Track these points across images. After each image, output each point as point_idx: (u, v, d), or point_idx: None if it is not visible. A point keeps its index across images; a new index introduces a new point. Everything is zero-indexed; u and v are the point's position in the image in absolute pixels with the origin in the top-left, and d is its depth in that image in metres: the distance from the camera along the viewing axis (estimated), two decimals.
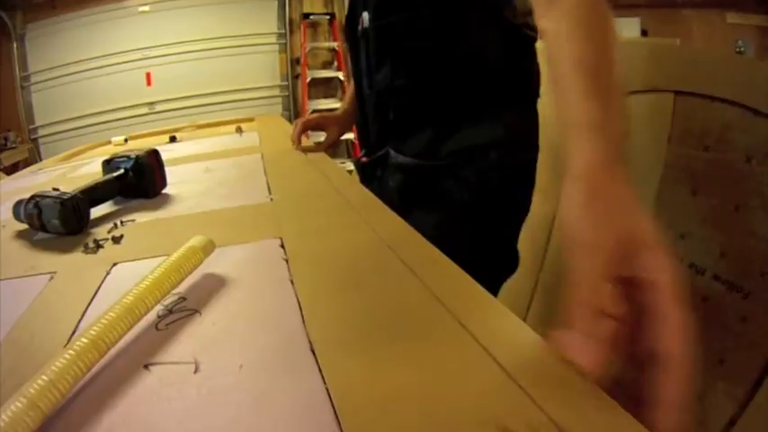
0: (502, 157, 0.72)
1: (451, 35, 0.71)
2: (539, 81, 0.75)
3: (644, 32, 4.05)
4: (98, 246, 0.53)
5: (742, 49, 4.12)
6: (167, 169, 0.74)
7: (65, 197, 0.56)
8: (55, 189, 0.60)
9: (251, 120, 1.65)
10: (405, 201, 0.68)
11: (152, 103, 4.20)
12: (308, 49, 4.34)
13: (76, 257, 0.51)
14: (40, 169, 1.22)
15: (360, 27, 0.82)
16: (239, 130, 1.36)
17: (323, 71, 4.50)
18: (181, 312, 0.36)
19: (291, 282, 0.40)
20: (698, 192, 0.90)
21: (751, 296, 0.81)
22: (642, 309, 0.27)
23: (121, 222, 0.60)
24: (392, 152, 0.80)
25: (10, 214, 0.61)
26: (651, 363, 0.26)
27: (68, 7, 3.87)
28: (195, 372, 0.29)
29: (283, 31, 4.43)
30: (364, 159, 0.89)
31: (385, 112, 0.81)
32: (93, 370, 0.29)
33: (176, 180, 0.78)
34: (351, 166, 3.73)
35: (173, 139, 1.35)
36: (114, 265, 0.47)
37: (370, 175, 0.87)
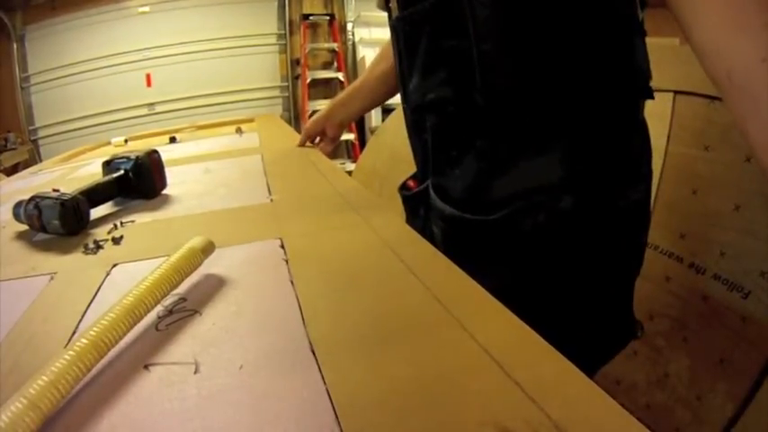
0: (583, 201, 0.51)
1: (504, 29, 0.49)
2: (648, 76, 0.53)
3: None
4: (98, 246, 0.53)
5: None
6: (167, 170, 0.74)
7: (65, 198, 0.56)
8: (55, 190, 0.60)
9: (251, 120, 1.65)
10: (454, 257, 0.42)
11: (152, 104, 4.21)
12: (307, 50, 4.34)
13: (76, 258, 0.51)
14: (39, 170, 1.23)
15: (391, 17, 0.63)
16: (239, 130, 1.36)
17: (323, 72, 4.50)
18: (181, 313, 0.36)
19: (291, 282, 0.40)
20: (698, 192, 0.90)
21: (751, 296, 0.81)
22: None
23: (121, 223, 0.60)
24: (431, 192, 0.61)
25: (10, 215, 0.61)
26: None
27: (68, 8, 3.87)
28: (195, 372, 0.29)
29: (283, 31, 4.44)
30: (410, 185, 0.70)
31: (422, 138, 0.62)
32: (94, 370, 0.29)
33: (176, 181, 0.78)
34: (351, 166, 3.73)
35: (173, 140, 1.35)
36: (114, 265, 0.47)
37: (414, 211, 0.68)
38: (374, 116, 4.05)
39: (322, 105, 4.41)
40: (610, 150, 0.52)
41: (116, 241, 0.54)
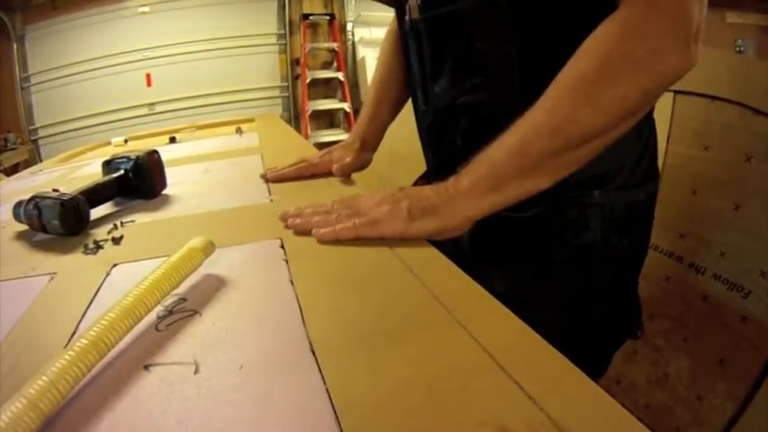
0: (609, 196, 0.54)
1: (543, 30, 0.51)
2: None
3: None
4: (98, 247, 0.53)
5: (742, 48, 4.12)
6: (167, 170, 0.74)
7: (65, 198, 0.56)
8: (55, 190, 0.60)
9: (251, 120, 1.65)
10: (480, 256, 0.47)
11: (152, 104, 4.21)
12: (307, 50, 4.34)
13: (76, 258, 0.51)
14: (40, 170, 1.22)
15: (407, 17, 0.61)
16: (239, 130, 1.36)
17: (323, 72, 4.50)
18: (181, 313, 0.36)
19: (291, 282, 0.40)
20: (698, 192, 0.90)
21: (751, 296, 0.81)
22: None
23: (121, 223, 0.60)
24: None
25: (10, 215, 0.61)
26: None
27: (68, 8, 3.87)
28: (195, 372, 0.29)
29: (283, 31, 4.44)
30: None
31: (446, 138, 0.62)
32: (94, 370, 0.29)
33: (176, 181, 0.78)
34: None
35: (172, 140, 1.35)
36: (114, 265, 0.47)
37: None
38: None
39: (321, 105, 4.44)
40: (634, 147, 0.55)
41: (116, 241, 0.54)
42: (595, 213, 0.54)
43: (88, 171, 1.04)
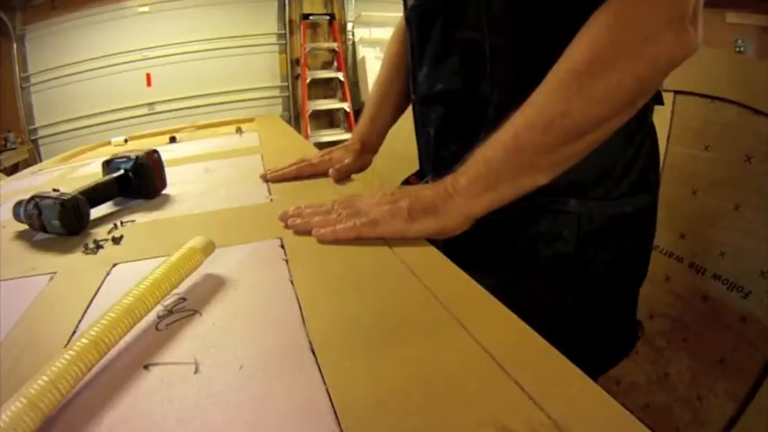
0: (587, 205, 0.51)
1: (521, 20, 0.50)
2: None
3: None
4: (98, 246, 0.53)
5: (742, 48, 4.12)
6: (167, 170, 0.74)
7: (65, 198, 0.56)
8: (55, 190, 0.60)
9: (251, 120, 1.65)
10: (455, 258, 0.42)
11: (152, 104, 4.21)
12: (307, 50, 4.34)
13: (76, 258, 0.51)
14: (39, 170, 1.22)
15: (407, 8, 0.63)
16: (239, 130, 1.36)
17: (323, 72, 4.50)
18: (181, 313, 0.36)
19: (291, 282, 0.40)
20: (698, 192, 0.90)
21: (751, 296, 0.81)
22: None
23: (121, 223, 0.60)
24: None
25: (10, 215, 0.61)
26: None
27: (68, 8, 3.87)
28: (195, 372, 0.29)
29: (283, 31, 4.44)
30: (412, 182, 0.70)
31: (425, 131, 0.62)
32: (94, 370, 0.29)
33: (176, 181, 0.78)
34: None
35: (172, 140, 1.35)
36: (114, 265, 0.47)
37: None
38: None
39: (322, 105, 4.44)
40: (622, 154, 0.52)
41: (116, 241, 0.54)
42: (570, 223, 0.52)
43: (88, 171, 1.04)
